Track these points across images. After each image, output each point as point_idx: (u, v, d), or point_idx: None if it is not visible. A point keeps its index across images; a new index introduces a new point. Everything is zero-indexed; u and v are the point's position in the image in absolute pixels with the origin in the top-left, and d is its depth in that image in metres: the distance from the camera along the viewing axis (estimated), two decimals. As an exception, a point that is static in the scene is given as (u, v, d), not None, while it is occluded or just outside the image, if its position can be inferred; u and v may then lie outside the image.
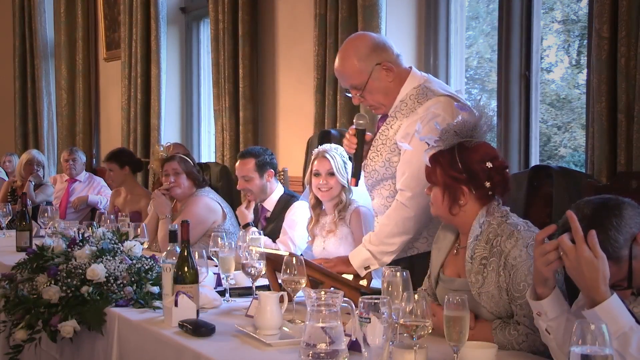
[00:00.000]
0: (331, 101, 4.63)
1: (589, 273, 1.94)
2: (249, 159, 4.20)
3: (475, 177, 2.45)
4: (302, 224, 4.03)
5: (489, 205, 2.47)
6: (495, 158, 2.48)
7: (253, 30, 5.45)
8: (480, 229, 2.45)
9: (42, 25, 8.42)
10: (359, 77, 3.01)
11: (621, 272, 2.03)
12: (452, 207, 2.48)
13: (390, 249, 2.97)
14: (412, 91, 3.00)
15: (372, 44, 3.03)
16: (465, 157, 2.46)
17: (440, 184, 2.49)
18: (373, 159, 3.07)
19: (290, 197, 4.26)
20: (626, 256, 2.03)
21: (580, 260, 1.95)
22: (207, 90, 6.56)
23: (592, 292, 1.95)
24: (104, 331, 2.97)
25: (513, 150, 3.96)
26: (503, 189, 2.49)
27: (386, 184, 3.06)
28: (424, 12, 4.54)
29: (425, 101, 2.95)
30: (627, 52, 3.07)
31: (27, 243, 4.57)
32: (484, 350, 2.11)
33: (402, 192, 2.94)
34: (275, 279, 2.99)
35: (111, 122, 7.66)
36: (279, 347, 2.37)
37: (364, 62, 2.99)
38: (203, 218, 4.40)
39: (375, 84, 3.00)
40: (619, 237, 2.02)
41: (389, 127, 3.03)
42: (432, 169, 2.51)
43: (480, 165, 2.45)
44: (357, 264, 3.02)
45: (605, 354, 1.62)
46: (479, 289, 2.41)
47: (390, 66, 3.00)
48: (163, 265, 2.85)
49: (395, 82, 3.02)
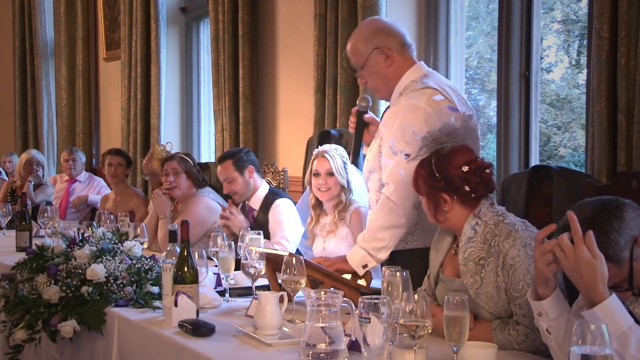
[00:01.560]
0: (331, 101, 4.63)
1: (587, 273, 1.94)
2: (226, 162, 4.20)
3: (453, 184, 2.46)
4: (289, 219, 4.02)
5: (478, 207, 2.47)
6: (471, 161, 2.48)
7: (253, 30, 5.45)
8: (474, 230, 2.45)
9: (42, 25, 8.43)
10: (358, 57, 3.09)
11: (622, 274, 2.03)
12: (437, 214, 2.51)
13: (382, 244, 2.97)
14: (410, 84, 3.02)
15: (377, 28, 3.11)
16: (441, 165, 2.48)
17: (424, 193, 2.53)
18: (371, 147, 3.15)
19: (272, 196, 4.21)
20: (627, 258, 2.02)
21: (579, 260, 1.94)
22: (207, 90, 6.56)
23: (590, 293, 1.95)
24: (104, 331, 2.97)
25: (513, 150, 3.97)
26: (484, 189, 2.49)
27: (376, 177, 3.10)
28: (424, 12, 4.54)
29: (415, 93, 2.97)
30: (627, 52, 3.07)
31: (27, 243, 4.57)
32: (484, 350, 2.11)
33: (387, 186, 2.97)
34: (275, 279, 2.99)
35: (111, 122, 7.66)
36: (279, 347, 2.37)
37: (364, 44, 3.07)
38: (203, 218, 4.39)
39: (373, 67, 3.06)
40: (619, 239, 2.01)
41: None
42: (415, 180, 2.56)
43: (456, 170, 2.46)
44: (354, 263, 3.03)
45: (605, 354, 1.62)
46: (477, 289, 2.41)
47: (390, 53, 3.04)
48: (163, 265, 2.85)
49: (394, 70, 3.05)
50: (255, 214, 4.20)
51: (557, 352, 2.08)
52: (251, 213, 4.24)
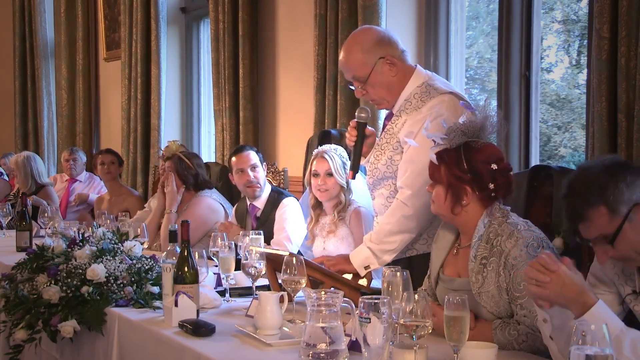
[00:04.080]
0: (331, 101, 4.63)
1: (573, 286, 1.98)
2: (250, 151, 4.23)
3: (480, 178, 2.45)
4: (295, 220, 4.02)
5: (492, 206, 2.47)
6: (500, 160, 2.48)
7: (253, 30, 5.45)
8: (484, 229, 2.45)
9: (42, 25, 8.42)
10: (362, 69, 3.00)
11: (610, 227, 2.06)
12: (455, 206, 2.48)
13: (391, 247, 2.96)
14: (416, 90, 2.99)
15: (377, 37, 3.04)
16: (470, 157, 2.45)
17: (444, 182, 2.49)
18: (377, 157, 3.07)
19: (278, 195, 4.22)
20: (623, 214, 2.05)
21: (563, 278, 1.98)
22: (207, 90, 6.56)
23: (579, 300, 1.98)
24: (104, 331, 2.97)
25: (513, 150, 3.96)
26: (506, 191, 2.49)
27: (387, 184, 3.06)
28: (424, 12, 4.54)
29: (429, 100, 2.95)
30: (627, 52, 3.07)
31: (27, 243, 4.57)
32: (484, 350, 2.11)
33: (402, 190, 2.94)
34: (275, 279, 2.99)
35: (111, 122, 7.66)
36: (279, 347, 2.37)
37: (367, 55, 2.99)
38: (205, 219, 4.39)
39: (378, 78, 3.00)
40: (625, 191, 2.05)
41: (394, 125, 3.03)
42: (437, 166, 2.50)
43: (486, 166, 2.45)
44: (357, 263, 3.02)
45: (606, 354, 1.62)
46: (479, 288, 2.41)
47: (395, 61, 3.00)
48: (163, 265, 2.85)
49: (398, 78, 3.01)
50: (259, 213, 4.20)
51: (557, 356, 2.09)
52: (254, 212, 4.24)
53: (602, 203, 2.05)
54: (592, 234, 2.09)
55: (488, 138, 2.50)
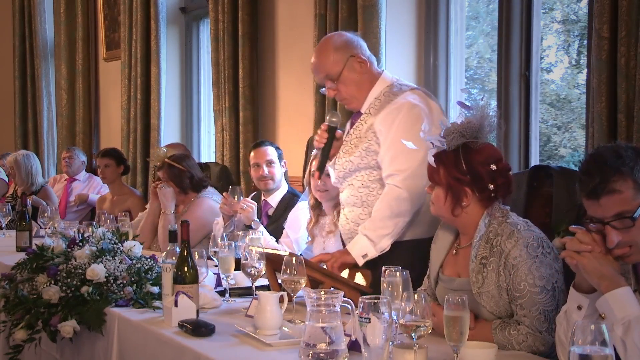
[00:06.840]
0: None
1: (612, 263, 2.02)
2: (267, 146, 4.27)
3: (479, 179, 2.45)
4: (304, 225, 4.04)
5: (492, 206, 2.47)
6: (499, 160, 2.48)
7: (253, 30, 5.45)
8: (485, 229, 2.45)
9: (42, 25, 8.42)
10: (334, 67, 3.14)
11: (634, 204, 2.02)
12: (455, 208, 2.48)
13: (387, 232, 2.98)
14: (386, 89, 3.14)
15: (348, 38, 3.21)
16: (469, 159, 2.45)
17: (443, 184, 2.49)
18: (347, 152, 3.15)
19: (293, 196, 4.26)
20: None
21: (603, 254, 2.02)
22: (207, 90, 6.55)
23: (612, 278, 2.01)
24: (104, 331, 2.97)
25: (513, 150, 3.96)
26: (505, 191, 2.49)
27: (358, 175, 3.12)
28: (424, 12, 4.54)
29: (401, 93, 3.09)
30: (627, 52, 3.07)
31: (27, 243, 4.57)
32: (484, 350, 2.11)
33: (393, 176, 2.99)
34: (275, 279, 2.99)
35: (111, 122, 7.66)
36: (279, 347, 2.37)
37: (339, 53, 3.14)
38: (205, 221, 4.37)
39: (350, 75, 3.13)
40: None
41: (363, 122, 3.14)
42: (436, 168, 2.51)
43: (485, 167, 2.45)
44: (355, 252, 3.03)
45: (606, 354, 1.62)
46: (479, 288, 2.41)
47: (364, 59, 3.14)
48: (163, 265, 2.85)
49: (368, 77, 3.15)
50: (271, 211, 4.22)
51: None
52: (266, 209, 4.24)
53: (630, 176, 2.02)
54: (612, 210, 2.03)
55: (486, 138, 2.50)
